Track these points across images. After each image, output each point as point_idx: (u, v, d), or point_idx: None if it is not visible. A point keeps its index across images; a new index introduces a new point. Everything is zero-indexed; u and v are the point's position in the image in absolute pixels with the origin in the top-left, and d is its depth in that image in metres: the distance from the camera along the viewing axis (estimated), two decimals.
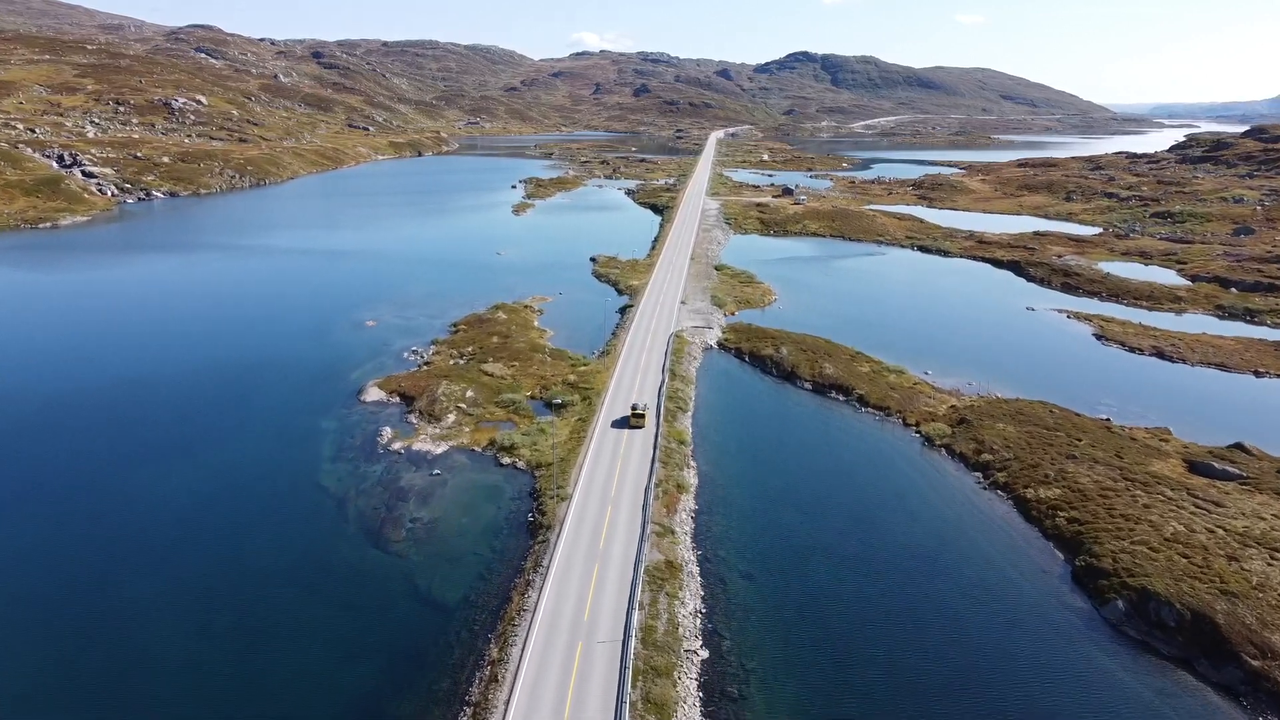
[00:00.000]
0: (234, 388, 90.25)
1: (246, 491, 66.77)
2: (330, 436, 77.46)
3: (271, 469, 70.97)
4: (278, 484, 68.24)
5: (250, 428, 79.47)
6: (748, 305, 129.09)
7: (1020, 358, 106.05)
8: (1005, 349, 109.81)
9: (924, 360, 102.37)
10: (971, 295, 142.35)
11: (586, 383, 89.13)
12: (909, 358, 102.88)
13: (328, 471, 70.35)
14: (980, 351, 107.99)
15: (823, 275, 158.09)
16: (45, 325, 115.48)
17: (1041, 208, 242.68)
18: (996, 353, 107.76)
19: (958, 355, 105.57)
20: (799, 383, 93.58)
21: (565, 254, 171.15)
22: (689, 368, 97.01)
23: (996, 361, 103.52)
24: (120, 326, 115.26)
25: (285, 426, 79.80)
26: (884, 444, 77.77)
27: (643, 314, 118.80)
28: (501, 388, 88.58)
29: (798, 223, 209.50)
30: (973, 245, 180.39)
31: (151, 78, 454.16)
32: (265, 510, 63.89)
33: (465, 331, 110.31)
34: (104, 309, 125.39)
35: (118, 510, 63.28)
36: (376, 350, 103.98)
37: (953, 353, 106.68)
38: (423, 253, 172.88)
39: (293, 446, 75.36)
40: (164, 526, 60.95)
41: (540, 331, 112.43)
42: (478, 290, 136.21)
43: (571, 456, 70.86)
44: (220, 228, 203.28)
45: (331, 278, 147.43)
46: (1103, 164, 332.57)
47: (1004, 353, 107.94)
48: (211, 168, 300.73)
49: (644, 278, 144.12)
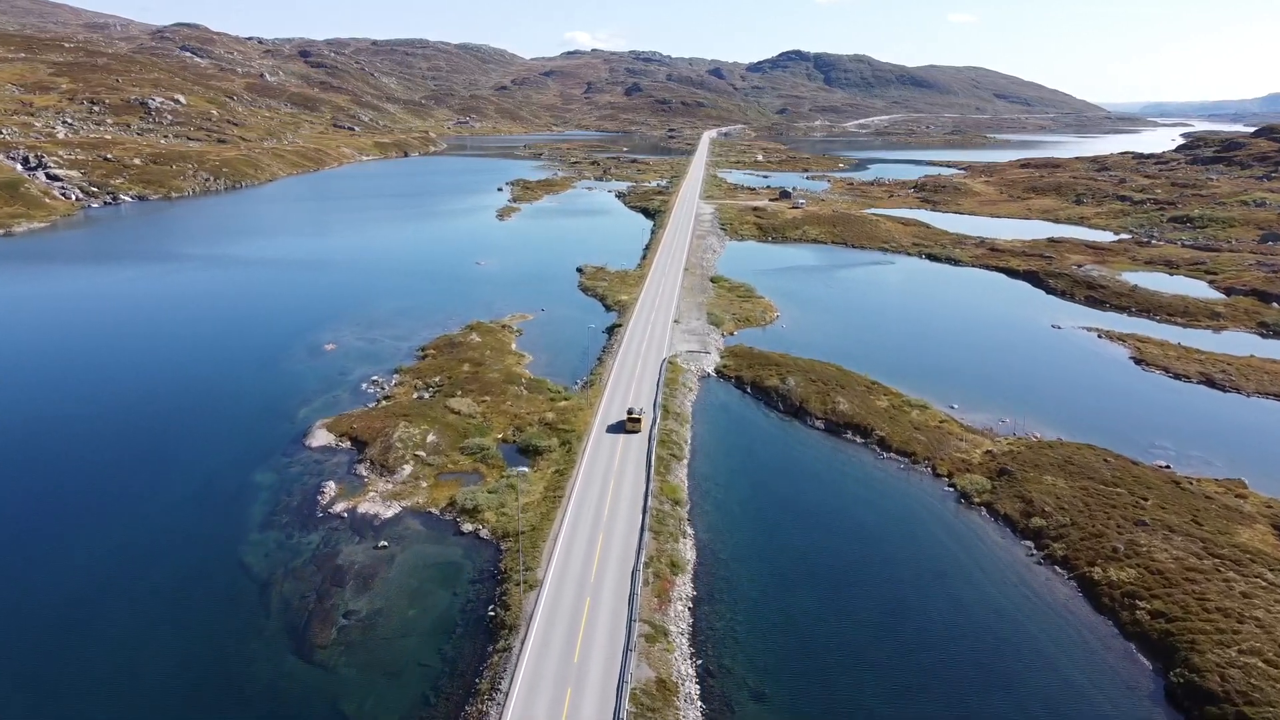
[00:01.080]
0: (160, 431, 78.35)
1: (150, 575, 55.01)
2: (264, 495, 65.75)
3: (186, 541, 59.22)
4: (190, 563, 56.53)
5: (170, 484, 67.64)
6: (747, 324, 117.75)
7: (1053, 387, 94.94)
8: (1035, 376, 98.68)
9: (947, 389, 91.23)
10: (990, 311, 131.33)
11: (566, 423, 77.60)
12: (930, 387, 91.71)
13: (254, 544, 58.65)
14: (1009, 379, 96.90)
15: (827, 288, 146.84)
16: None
17: (1051, 211, 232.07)
18: (1026, 380, 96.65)
19: (984, 384, 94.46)
20: (809, 420, 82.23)
21: (550, 264, 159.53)
22: (684, 402, 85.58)
23: (1028, 391, 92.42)
24: (39, 354, 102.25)
25: (212, 482, 68.02)
26: (912, 501, 66.47)
27: (632, 335, 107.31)
28: (468, 429, 76.97)
29: (797, 228, 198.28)
30: (985, 253, 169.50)
31: (129, 77, 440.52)
32: (169, 602, 52.18)
33: (434, 358, 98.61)
34: (24, 332, 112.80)
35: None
36: (332, 381, 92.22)
37: (978, 381, 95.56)
38: (397, 262, 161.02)
39: (217, 510, 63.61)
40: (34, 632, 49.16)
41: (518, 356, 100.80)
42: (453, 306, 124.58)
43: (545, 524, 59.34)
44: (184, 235, 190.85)
45: (294, 292, 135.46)
46: (1109, 164, 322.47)
47: (1035, 381, 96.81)
48: (185, 170, 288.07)
49: (634, 291, 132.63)
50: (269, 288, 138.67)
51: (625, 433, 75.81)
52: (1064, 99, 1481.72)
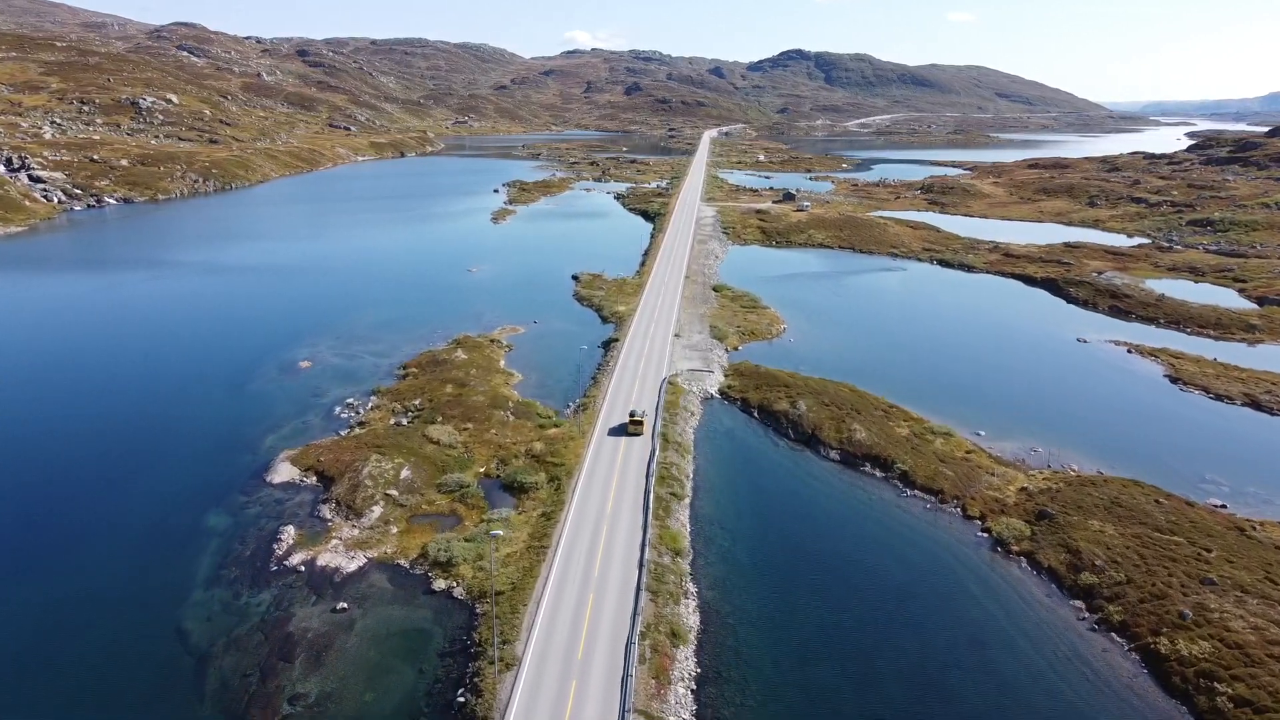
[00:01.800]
0: (110, 463, 71.16)
1: (77, 641, 47.86)
2: (215, 543, 58.56)
3: (123, 600, 52.08)
4: (124, 627, 49.41)
5: (114, 529, 60.43)
6: (753, 337, 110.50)
7: (1085, 409, 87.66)
8: (1064, 397, 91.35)
9: (970, 413, 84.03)
10: (1009, 322, 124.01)
11: (556, 455, 70.37)
12: (952, 410, 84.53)
13: (196, 605, 51.47)
14: (1036, 400, 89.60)
15: (835, 296, 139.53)
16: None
17: (1064, 214, 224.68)
18: (1055, 402, 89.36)
19: (1010, 406, 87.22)
20: (822, 450, 74.96)
21: (544, 271, 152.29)
22: (685, 428, 78.33)
23: (1058, 414, 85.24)
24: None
25: (160, 526, 60.84)
26: (942, 549, 59.19)
27: (629, 351, 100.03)
28: (448, 463, 69.74)
29: (802, 232, 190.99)
30: (999, 259, 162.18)
31: (121, 76, 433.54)
32: (96, 675, 45.14)
33: (415, 377, 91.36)
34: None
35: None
36: (304, 404, 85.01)
37: (1004, 402, 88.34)
38: (386, 269, 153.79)
39: (161, 560, 56.45)
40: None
41: (506, 375, 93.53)
42: (441, 317, 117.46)
43: (527, 581, 52.14)
44: (164, 240, 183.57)
45: (274, 302, 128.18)
46: (1119, 165, 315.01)
47: (1064, 402, 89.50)
48: (173, 171, 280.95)
49: (632, 301, 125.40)
50: (247, 297, 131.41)
51: (627, 435, 74.81)
52: (1065, 98, 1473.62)
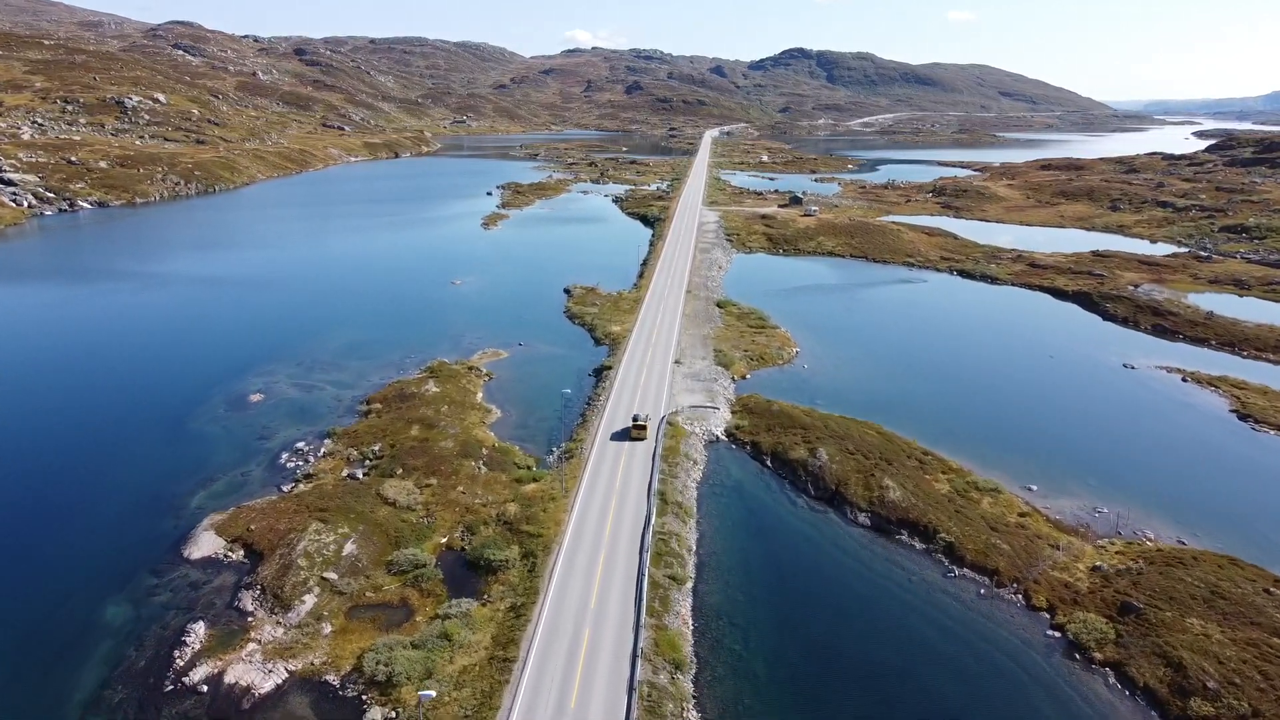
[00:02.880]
0: (3, 534, 59.78)
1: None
2: (106, 647, 47.23)
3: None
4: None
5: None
6: (762, 363, 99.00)
7: (1146, 453, 76.27)
8: (1120, 437, 79.83)
9: (1014, 458, 72.69)
10: (1043, 343, 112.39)
11: (533, 521, 58.95)
12: (994, 456, 73.23)
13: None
14: (1088, 443, 78.04)
15: (849, 312, 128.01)
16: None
17: (1086, 219, 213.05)
18: (1111, 444, 77.87)
19: (1060, 451, 75.68)
20: (849, 511, 63.49)
21: (534, 283, 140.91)
22: (686, 483, 66.87)
23: (1116, 460, 73.84)
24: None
25: (46, 623, 49.47)
26: (1006, 654, 47.70)
27: (624, 382, 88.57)
28: (402, 531, 58.35)
29: (811, 239, 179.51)
30: (1024, 270, 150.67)
31: (108, 75, 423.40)
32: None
33: (378, 415, 79.95)
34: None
35: None
36: (247, 449, 73.66)
37: (1051, 445, 76.79)
38: (363, 281, 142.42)
39: (38, 674, 45.13)
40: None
41: (482, 412, 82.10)
42: (416, 339, 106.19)
43: (485, 714, 40.74)
44: (131, 248, 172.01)
45: (233, 320, 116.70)
46: (1137, 166, 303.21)
47: (1120, 444, 78.04)
48: (153, 173, 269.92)
49: (628, 320, 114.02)
50: (205, 314, 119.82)
51: (630, 440, 72.11)
52: (1069, 97, 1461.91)
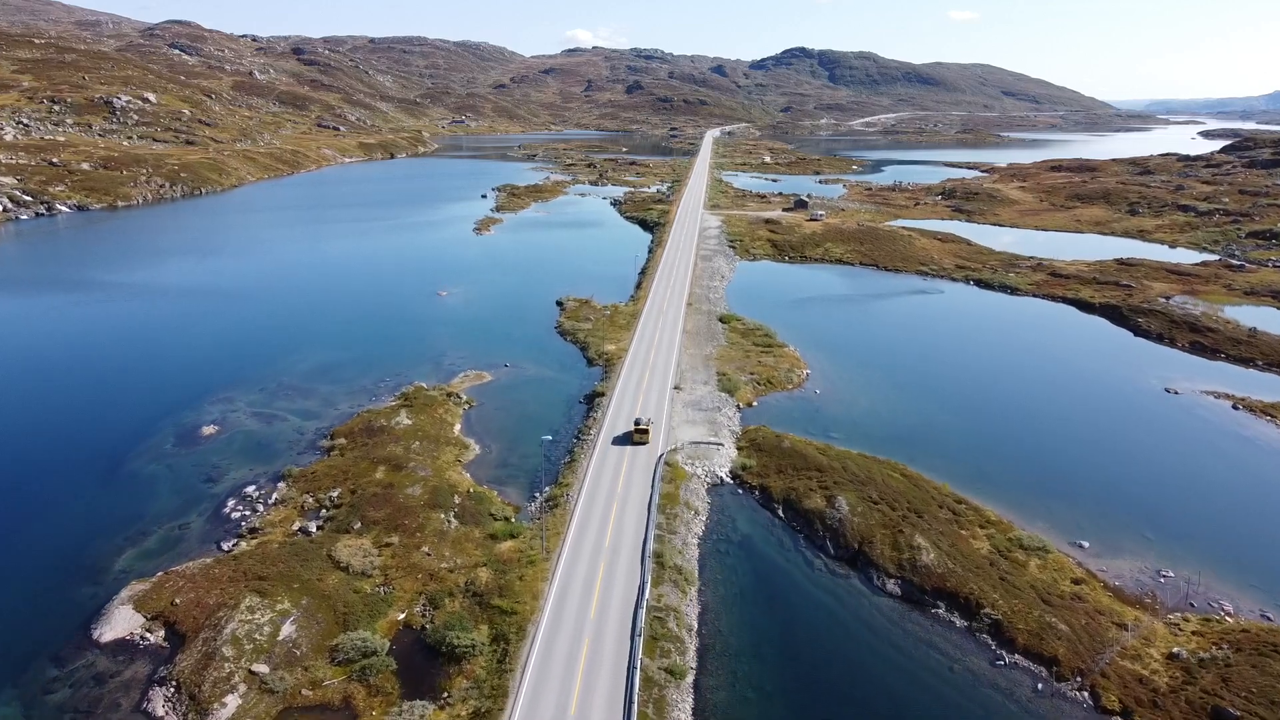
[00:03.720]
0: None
1: None
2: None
3: None
4: None
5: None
6: (769, 387, 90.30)
7: (1204, 499, 67.57)
8: (1172, 478, 71.19)
9: (1058, 505, 64.18)
10: (1072, 362, 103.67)
11: (507, 593, 50.36)
12: (1033, 501, 64.75)
13: None
14: (1138, 485, 69.35)
15: (862, 327, 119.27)
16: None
17: (1104, 223, 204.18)
18: (1164, 487, 69.23)
19: (1108, 495, 67.01)
20: (875, 575, 54.82)
21: (525, 294, 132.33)
22: (686, 538, 58.26)
23: (1172, 507, 65.31)
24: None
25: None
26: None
27: (617, 410, 79.90)
28: (353, 606, 49.75)
29: (818, 246, 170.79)
30: (1046, 279, 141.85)
31: (98, 74, 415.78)
32: None
33: (342, 453, 71.31)
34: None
35: None
36: (190, 495, 65.12)
37: (1097, 488, 68.11)
38: (343, 292, 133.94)
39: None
40: None
41: (459, 448, 73.49)
42: (392, 360, 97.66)
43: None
44: (104, 255, 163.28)
45: (198, 337, 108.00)
46: (1151, 167, 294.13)
47: (1174, 487, 69.41)
48: (137, 175, 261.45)
49: (624, 338, 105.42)
50: (167, 331, 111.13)
51: (632, 444, 70.30)
52: (1072, 96, 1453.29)
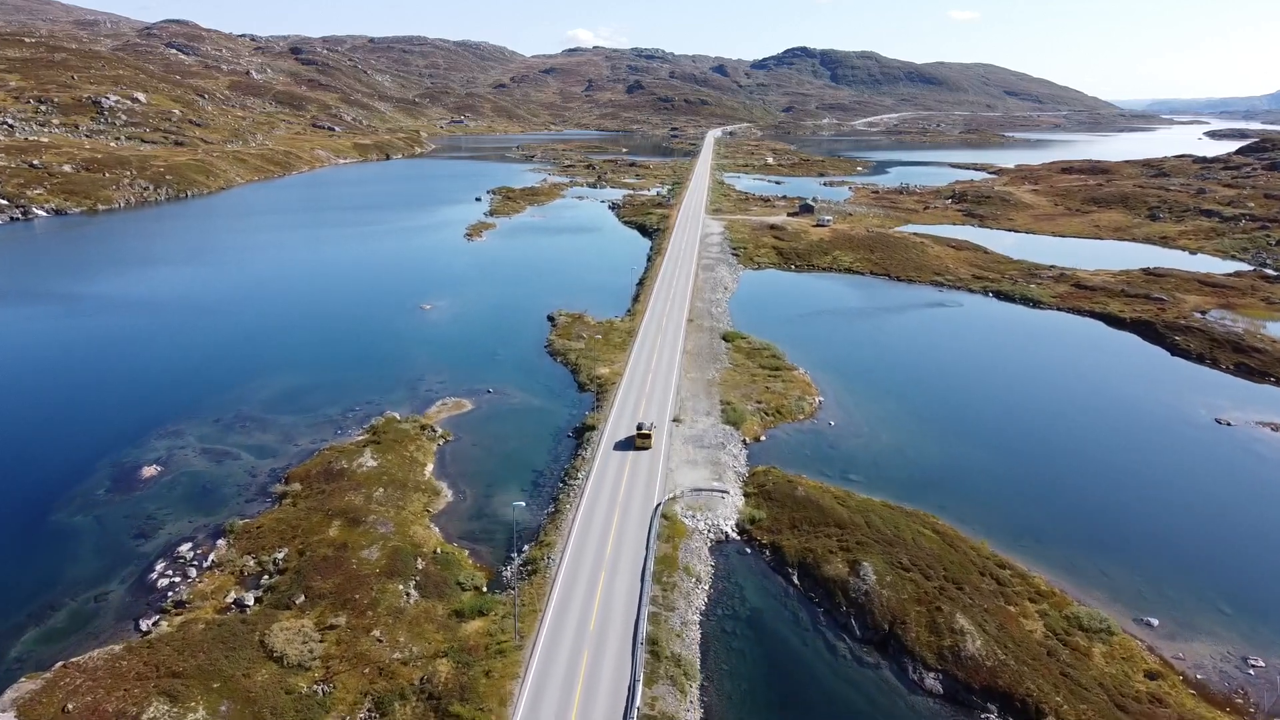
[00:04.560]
0: None
1: None
2: None
3: None
4: None
5: None
6: (779, 418, 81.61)
7: (1276, 555, 58.97)
8: (1240, 533, 62.41)
9: (1116, 569, 55.67)
10: (1110, 388, 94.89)
11: (469, 696, 41.70)
12: (1085, 559, 56.46)
13: None
14: (1203, 541, 60.59)
15: (876, 346, 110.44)
16: None
17: (1123, 229, 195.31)
18: (1232, 544, 60.47)
19: (1170, 553, 58.37)
20: (910, 665, 46.17)
21: (515, 308, 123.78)
22: (686, 615, 49.61)
23: (1246, 567, 56.69)
24: None
25: None
26: None
27: (609, 449, 71.20)
28: (280, 714, 41.11)
29: (826, 254, 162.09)
30: (1070, 291, 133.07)
31: (88, 73, 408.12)
32: None
33: (295, 502, 62.66)
34: None
35: None
36: (115, 555, 56.56)
37: (1158, 545, 59.46)
38: (320, 305, 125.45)
39: None
40: None
41: (429, 495, 64.88)
42: (364, 385, 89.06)
43: None
44: (70, 263, 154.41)
45: (154, 359, 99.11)
46: (1168, 170, 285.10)
47: (1244, 543, 60.67)
48: (120, 178, 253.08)
49: (619, 359, 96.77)
50: (122, 350, 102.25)
51: (635, 449, 69.03)
52: (1075, 96, 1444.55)
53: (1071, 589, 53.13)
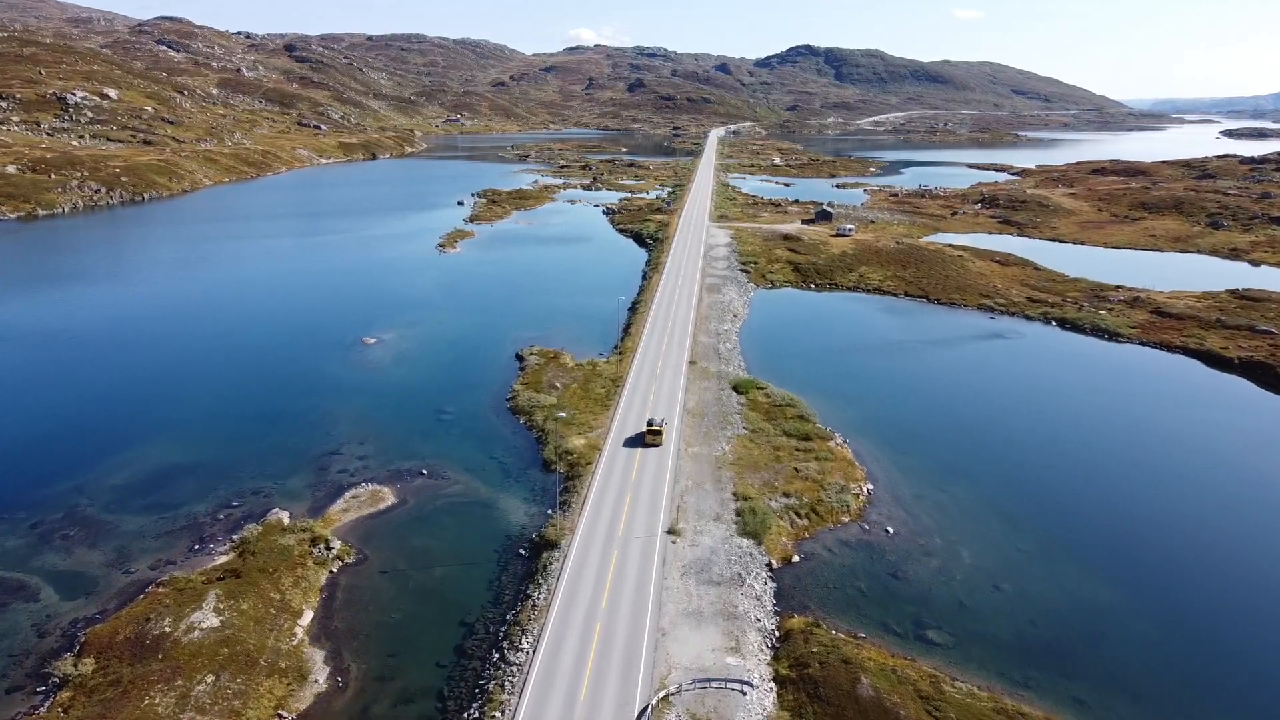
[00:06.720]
0: None
1: None
2: None
3: None
4: None
5: None
6: (814, 520, 58.80)
7: None
8: None
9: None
10: (1235, 458, 71.90)
11: None
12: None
13: None
14: None
15: (925, 396, 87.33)
16: None
17: (1184, 239, 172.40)
18: None
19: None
20: None
21: (478, 343, 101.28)
22: None
23: None
24: None
25: None
26: None
27: (574, 592, 48.58)
28: None
29: (850, 270, 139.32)
30: (1150, 321, 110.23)
31: (58, 69, 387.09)
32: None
33: (70, 707, 40.04)
34: None
35: None
36: None
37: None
38: (238, 338, 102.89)
39: None
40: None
41: (291, 680, 41.89)
42: (260, 460, 66.62)
43: None
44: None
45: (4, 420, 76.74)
46: (1212, 170, 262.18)
47: None
48: (68, 180, 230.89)
49: (599, 420, 74.04)
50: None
51: (644, 446, 64.29)
52: (1083, 95, 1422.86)
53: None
